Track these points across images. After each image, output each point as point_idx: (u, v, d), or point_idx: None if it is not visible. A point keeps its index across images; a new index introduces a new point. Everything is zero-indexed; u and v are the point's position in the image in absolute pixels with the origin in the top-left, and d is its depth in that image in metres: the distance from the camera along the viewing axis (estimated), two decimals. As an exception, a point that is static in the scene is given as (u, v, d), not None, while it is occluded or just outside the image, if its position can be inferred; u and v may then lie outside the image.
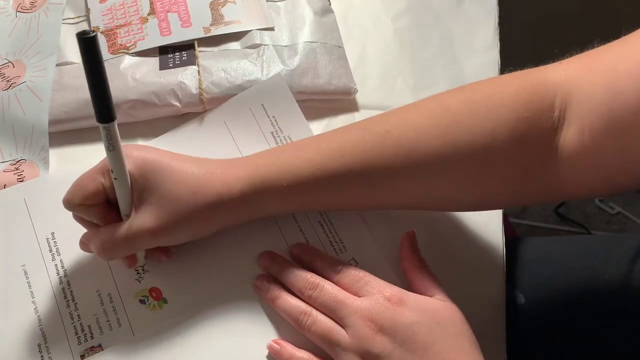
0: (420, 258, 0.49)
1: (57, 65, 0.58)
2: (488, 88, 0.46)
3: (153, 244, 0.46)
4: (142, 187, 0.45)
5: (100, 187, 0.45)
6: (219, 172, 0.46)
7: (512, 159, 0.44)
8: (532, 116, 0.43)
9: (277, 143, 0.55)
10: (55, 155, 0.55)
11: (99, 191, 0.45)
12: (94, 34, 0.36)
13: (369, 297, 0.45)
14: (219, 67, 0.57)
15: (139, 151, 0.46)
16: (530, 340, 0.57)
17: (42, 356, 0.47)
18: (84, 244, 0.48)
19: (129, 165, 0.44)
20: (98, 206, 0.46)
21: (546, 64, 0.46)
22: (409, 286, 0.47)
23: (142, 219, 0.45)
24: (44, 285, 0.49)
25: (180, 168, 0.45)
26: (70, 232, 0.50)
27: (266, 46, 0.59)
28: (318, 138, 0.48)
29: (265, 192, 0.46)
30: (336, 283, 0.46)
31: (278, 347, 0.46)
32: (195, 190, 0.45)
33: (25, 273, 0.50)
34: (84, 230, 0.48)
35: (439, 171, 0.45)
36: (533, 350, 0.57)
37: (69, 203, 0.46)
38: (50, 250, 0.51)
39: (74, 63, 0.58)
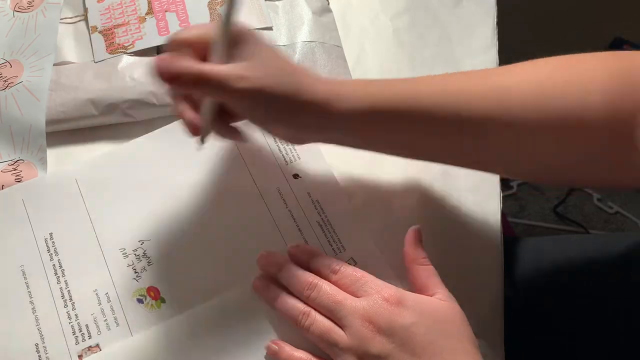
0: (424, 256, 0.48)
1: (54, 65, 0.58)
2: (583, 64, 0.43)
3: (232, 92, 0.43)
4: (244, 50, 0.44)
5: (206, 35, 0.44)
6: (326, 80, 0.45)
7: (604, 131, 0.41)
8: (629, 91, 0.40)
9: (275, 142, 0.55)
10: (53, 155, 0.55)
11: (201, 37, 0.44)
12: None
13: (368, 298, 0.44)
14: (217, 67, 0.57)
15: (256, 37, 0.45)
16: (528, 340, 0.57)
17: (39, 356, 0.47)
18: (160, 65, 0.44)
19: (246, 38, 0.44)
20: (192, 49, 0.44)
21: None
22: (411, 284, 0.47)
23: (235, 66, 0.43)
24: (42, 285, 0.49)
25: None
26: (69, 233, 0.50)
27: (264, 46, 0.59)
28: (443, 79, 0.46)
29: (380, 117, 0.45)
30: (335, 283, 0.46)
31: (276, 347, 0.46)
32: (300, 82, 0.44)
33: (24, 273, 0.50)
34: (82, 230, 0.48)
35: (541, 132, 0.43)
36: (531, 350, 0.57)
37: (173, 37, 0.45)
38: (49, 251, 0.50)
39: (72, 63, 0.58)
